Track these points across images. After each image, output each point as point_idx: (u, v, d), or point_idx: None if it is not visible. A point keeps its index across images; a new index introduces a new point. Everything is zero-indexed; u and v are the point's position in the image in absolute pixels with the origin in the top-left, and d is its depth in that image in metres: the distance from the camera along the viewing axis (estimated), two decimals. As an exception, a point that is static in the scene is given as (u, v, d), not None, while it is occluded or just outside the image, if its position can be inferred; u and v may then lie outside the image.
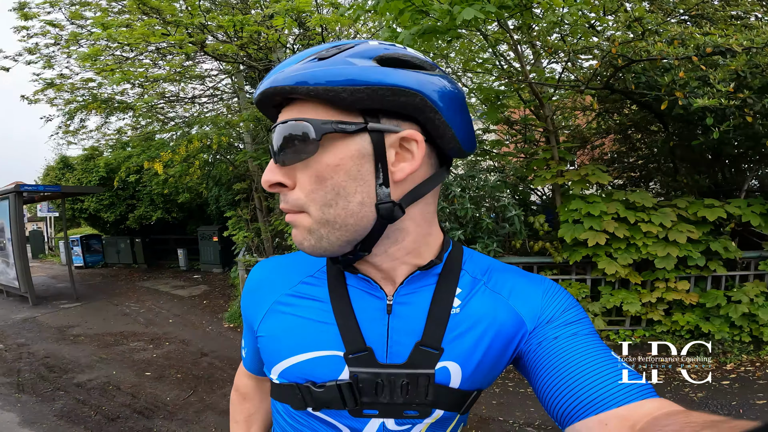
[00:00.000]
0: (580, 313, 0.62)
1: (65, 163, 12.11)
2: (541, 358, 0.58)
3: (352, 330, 0.61)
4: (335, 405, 0.61)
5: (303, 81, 0.52)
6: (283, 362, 0.64)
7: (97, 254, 13.63)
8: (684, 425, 0.39)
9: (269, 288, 0.70)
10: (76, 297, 8.79)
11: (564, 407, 0.53)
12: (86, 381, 4.29)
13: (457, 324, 0.62)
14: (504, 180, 5.70)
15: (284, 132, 0.54)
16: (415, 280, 0.63)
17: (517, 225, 5.16)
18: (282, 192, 0.57)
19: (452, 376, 0.61)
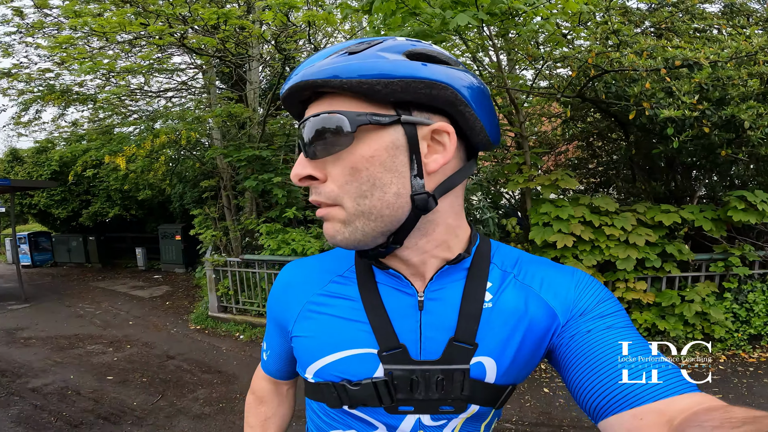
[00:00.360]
0: (614, 305, 0.62)
1: (15, 155, 11.30)
2: (573, 351, 0.58)
3: (384, 327, 0.62)
4: (371, 403, 0.61)
5: (336, 74, 0.53)
6: (318, 361, 0.65)
7: (46, 252, 12.77)
8: (724, 421, 0.38)
9: (300, 289, 0.70)
10: (24, 298, 8.20)
11: (597, 401, 0.52)
12: (42, 386, 4.02)
13: (490, 318, 0.62)
14: (480, 183, 5.85)
15: (317, 125, 0.54)
16: (445, 275, 0.64)
17: (491, 227, 5.32)
18: (313, 185, 0.57)
19: (487, 372, 0.61)
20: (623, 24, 3.58)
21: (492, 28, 3.75)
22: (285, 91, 0.57)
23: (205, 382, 4.17)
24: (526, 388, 3.92)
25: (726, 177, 5.65)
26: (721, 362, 4.25)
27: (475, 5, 2.66)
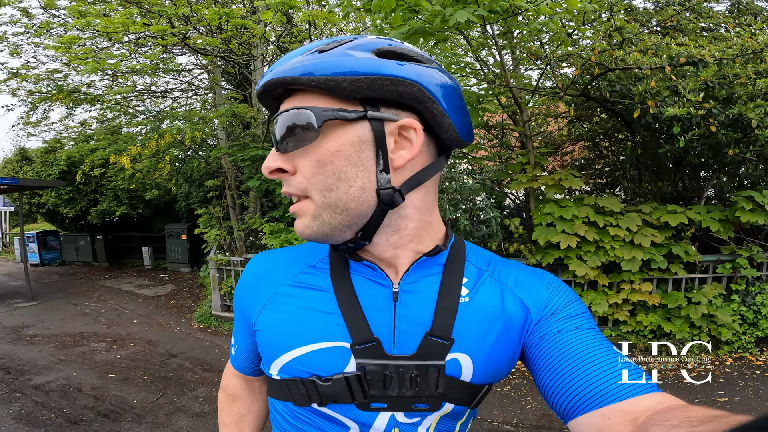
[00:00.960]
0: (581, 307, 0.63)
1: (24, 155, 11.46)
2: (544, 351, 0.58)
3: (357, 320, 0.60)
4: (343, 399, 0.59)
5: (306, 72, 0.54)
6: (284, 356, 0.62)
7: (54, 251, 12.92)
8: (684, 420, 0.39)
9: (268, 280, 0.68)
10: (31, 296, 8.30)
11: (567, 401, 0.53)
12: (45, 383, 4.05)
13: (467, 314, 0.61)
14: (482, 183, 5.82)
15: (287, 120, 0.56)
16: (421, 267, 0.63)
17: (494, 227, 5.28)
18: (283, 177, 0.59)
19: (463, 369, 0.60)
20: (627, 22, 3.53)
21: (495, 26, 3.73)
22: (259, 88, 0.59)
23: (206, 380, 4.18)
24: (528, 390, 3.88)
25: (735, 177, 5.56)
26: (728, 365, 4.18)
27: (476, 2, 2.64)
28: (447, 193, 5.61)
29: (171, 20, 3.81)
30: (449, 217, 5.24)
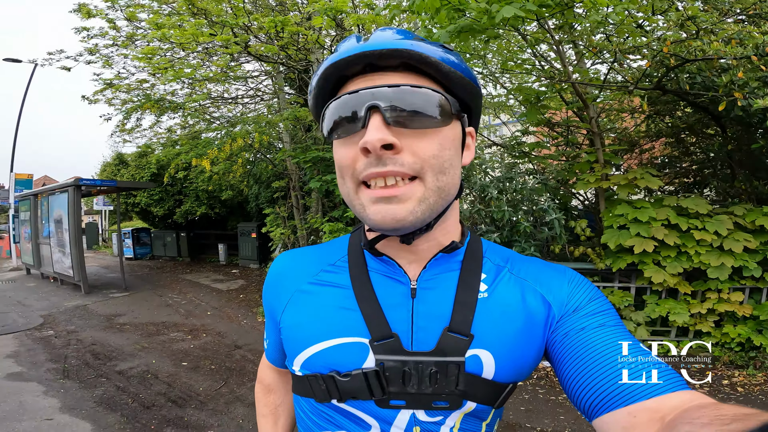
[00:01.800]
0: (605, 304, 0.62)
1: (120, 159, 12.88)
2: (567, 348, 0.57)
3: (376, 315, 0.60)
4: (361, 395, 0.59)
5: (446, 60, 0.56)
6: (305, 351, 0.63)
7: (145, 246, 14.40)
8: (714, 418, 0.38)
9: (291, 278, 0.70)
10: (125, 287, 9.30)
11: (591, 399, 0.52)
12: (127, 369, 4.50)
13: (486, 309, 0.61)
14: (544, 183, 5.51)
15: (419, 97, 0.55)
16: (439, 263, 0.63)
17: (557, 229, 4.97)
18: (387, 155, 0.54)
19: (484, 366, 0.59)
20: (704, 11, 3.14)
21: (552, 20, 3.50)
22: (383, 49, 0.54)
23: (266, 372, 4.39)
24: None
25: None
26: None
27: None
28: (506, 193, 5.38)
29: (233, 30, 4.07)
30: (508, 218, 5.02)
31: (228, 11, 4.15)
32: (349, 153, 0.56)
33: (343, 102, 0.56)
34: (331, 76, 0.58)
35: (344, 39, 0.63)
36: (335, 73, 0.57)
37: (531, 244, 5.04)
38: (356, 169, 0.56)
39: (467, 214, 5.29)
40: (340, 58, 0.56)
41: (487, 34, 2.79)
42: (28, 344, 5.31)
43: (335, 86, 0.59)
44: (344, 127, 0.57)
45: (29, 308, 7.48)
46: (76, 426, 3.15)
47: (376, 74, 0.56)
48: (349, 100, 0.55)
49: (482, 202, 5.50)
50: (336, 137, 0.58)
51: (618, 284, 4.79)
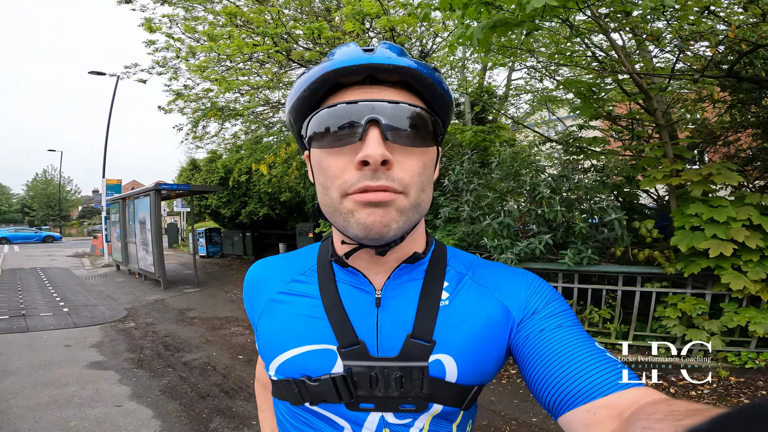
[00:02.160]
0: (562, 305, 0.64)
1: (194, 164, 13.96)
2: (529, 350, 0.59)
3: (343, 324, 0.63)
4: (331, 399, 0.62)
5: (438, 82, 0.60)
6: (279, 357, 0.66)
7: (216, 245, 15.51)
8: (668, 413, 0.40)
9: (264, 287, 0.73)
10: (197, 283, 10.08)
11: (554, 398, 0.54)
12: (192, 360, 4.87)
13: (448, 316, 0.63)
14: (603, 180, 5.10)
15: (414, 115, 0.58)
16: (402, 273, 0.66)
17: (618, 230, 4.59)
18: (381, 169, 0.55)
19: (447, 370, 0.61)
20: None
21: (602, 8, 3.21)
22: (389, 64, 0.56)
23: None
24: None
25: None
26: None
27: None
28: (559, 192, 5.06)
29: (274, 39, 4.25)
30: (561, 219, 4.72)
31: (269, 21, 4.34)
32: (339, 164, 0.56)
33: (340, 111, 0.56)
34: (328, 82, 0.57)
35: (341, 45, 0.63)
36: (334, 78, 0.57)
37: (588, 246, 4.70)
38: (345, 180, 0.56)
39: (517, 215, 5.05)
40: (344, 65, 0.56)
41: (525, 27, 2.62)
42: (111, 335, 5.94)
43: (326, 94, 0.59)
44: (334, 137, 0.56)
45: (116, 301, 8.36)
46: (140, 413, 3.47)
47: (374, 87, 0.57)
48: (347, 110, 0.56)
49: (533, 202, 5.23)
50: (322, 145, 0.58)
51: (691, 290, 4.31)
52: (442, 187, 5.98)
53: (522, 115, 9.55)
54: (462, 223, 5.62)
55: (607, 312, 4.71)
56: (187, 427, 3.27)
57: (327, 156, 0.58)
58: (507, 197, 5.56)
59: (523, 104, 9.14)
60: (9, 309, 7.43)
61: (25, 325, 6.39)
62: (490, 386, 3.99)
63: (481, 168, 6.34)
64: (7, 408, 3.48)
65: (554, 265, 4.85)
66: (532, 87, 6.96)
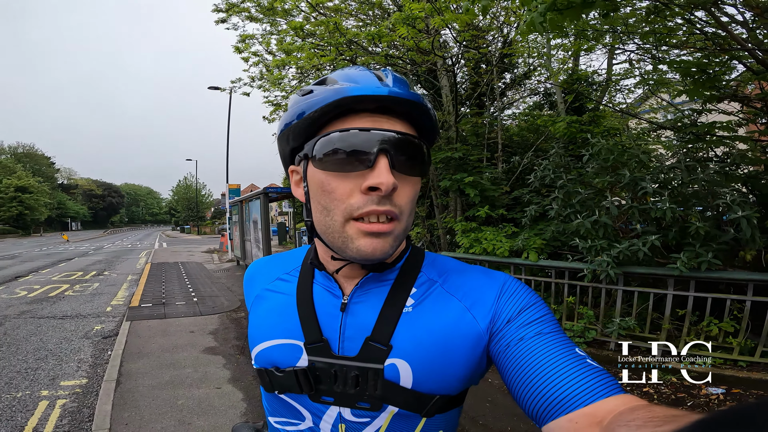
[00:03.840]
0: (540, 311, 0.63)
1: (296, 169, 15.16)
2: (510, 359, 0.59)
3: (311, 322, 0.68)
4: (294, 389, 0.67)
5: (434, 115, 0.65)
6: (257, 347, 0.73)
7: (318, 243, 16.65)
8: (647, 419, 0.40)
9: (255, 283, 0.81)
10: (298, 277, 10.92)
11: (536, 408, 0.54)
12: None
13: (409, 323, 0.65)
14: (727, 171, 4.31)
15: (417, 149, 0.62)
16: (371, 281, 0.69)
17: (747, 230, 3.85)
18: (387, 194, 0.59)
19: (402, 374, 0.63)
20: None
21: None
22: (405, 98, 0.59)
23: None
24: None
25: None
26: None
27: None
28: (670, 186, 4.39)
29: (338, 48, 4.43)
30: (669, 217, 4.09)
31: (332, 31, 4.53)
32: (346, 188, 0.59)
33: (353, 137, 0.58)
34: (343, 107, 0.59)
35: (354, 66, 0.69)
36: (350, 104, 0.59)
37: (710, 249, 4.01)
38: (350, 204, 0.59)
39: (615, 213, 4.52)
40: (364, 93, 0.58)
41: (597, 6, 2.33)
42: (226, 323, 6.75)
43: (335, 117, 0.61)
44: (343, 161, 0.59)
45: (234, 293, 9.46)
46: (233, 395, 3.92)
47: (383, 117, 0.60)
48: (359, 137, 0.58)
49: (635, 198, 4.62)
50: (327, 168, 0.60)
51: None
52: (528, 183, 5.64)
53: (633, 101, 8.49)
54: (553, 222, 5.23)
55: (729, 325, 3.99)
56: (267, 410, 3.61)
57: (333, 179, 0.60)
58: (605, 193, 5.02)
59: (631, 90, 8.14)
60: (153, 298, 8.91)
61: (164, 312, 7.59)
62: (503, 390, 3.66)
63: (573, 161, 5.82)
64: (134, 386, 4.16)
65: (663, 270, 4.25)
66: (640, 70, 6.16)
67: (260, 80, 8.61)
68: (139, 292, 9.54)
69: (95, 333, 6.32)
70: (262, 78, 8.39)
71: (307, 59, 4.75)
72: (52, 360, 5.07)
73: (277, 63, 5.35)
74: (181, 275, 12.61)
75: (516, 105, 9.66)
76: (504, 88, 8.37)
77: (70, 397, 4.01)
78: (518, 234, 5.55)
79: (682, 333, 4.22)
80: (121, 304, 8.53)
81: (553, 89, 6.66)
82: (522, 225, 5.65)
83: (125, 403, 3.76)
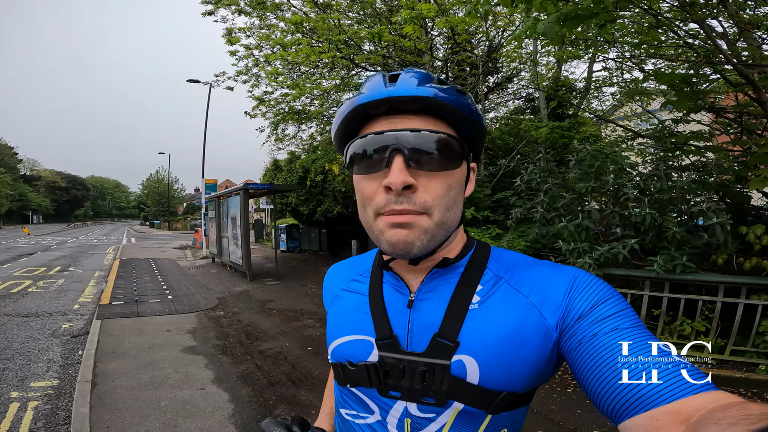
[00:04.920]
0: (616, 305, 0.61)
1: (276, 165, 14.89)
2: (583, 356, 0.58)
3: (381, 320, 0.72)
4: (364, 383, 0.70)
5: (461, 105, 0.64)
6: (333, 343, 0.77)
7: (295, 241, 16.44)
8: (741, 417, 0.38)
9: (333, 284, 0.87)
10: (277, 276, 10.77)
11: (612, 405, 0.53)
12: (267, 349, 5.23)
13: (475, 319, 0.66)
14: (704, 179, 4.52)
15: (436, 141, 0.63)
16: (436, 277, 0.71)
17: (720, 235, 4.05)
18: (405, 194, 0.61)
19: (469, 371, 0.63)
20: None
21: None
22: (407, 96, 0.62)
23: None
24: None
25: None
26: None
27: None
28: (649, 193, 4.57)
29: (338, 46, 4.40)
30: (648, 222, 4.27)
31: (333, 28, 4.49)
32: (372, 187, 0.64)
33: (370, 141, 0.63)
34: (359, 115, 0.65)
35: (371, 76, 0.70)
36: (362, 112, 0.65)
37: (683, 253, 4.20)
38: (377, 202, 0.63)
39: (597, 217, 4.67)
40: (368, 101, 0.63)
41: (600, 18, 2.40)
42: (204, 322, 6.58)
43: (360, 123, 0.67)
44: (367, 163, 0.64)
45: (210, 291, 9.23)
46: (219, 396, 3.83)
47: (399, 117, 0.63)
48: (375, 141, 0.63)
49: (616, 204, 4.79)
50: (359, 171, 0.66)
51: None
52: (513, 186, 5.74)
53: (608, 108, 8.79)
54: (536, 225, 5.35)
55: (701, 324, 4.19)
56: (255, 411, 3.54)
57: (362, 180, 0.66)
58: (587, 198, 5.17)
59: (608, 98, 8.42)
60: (125, 295, 8.58)
61: (137, 310, 7.33)
62: (552, 394, 3.78)
63: (557, 166, 5.97)
64: (112, 388, 4.01)
65: (640, 272, 4.42)
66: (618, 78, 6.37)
67: (245, 74, 8.44)
68: (108, 289, 9.17)
69: (63, 332, 6.04)
70: (248, 72, 8.22)
71: (305, 55, 4.68)
72: (20, 360, 4.82)
73: (276, 57, 5.27)
74: (153, 272, 12.20)
75: (497, 109, 9.83)
76: (487, 92, 8.50)
77: (42, 399, 3.82)
78: (502, 236, 5.65)
79: (657, 332, 4.39)
80: (89, 301, 8.18)
81: (536, 94, 6.80)
82: (507, 227, 5.75)
83: (104, 405, 3.61)
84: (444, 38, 5.66)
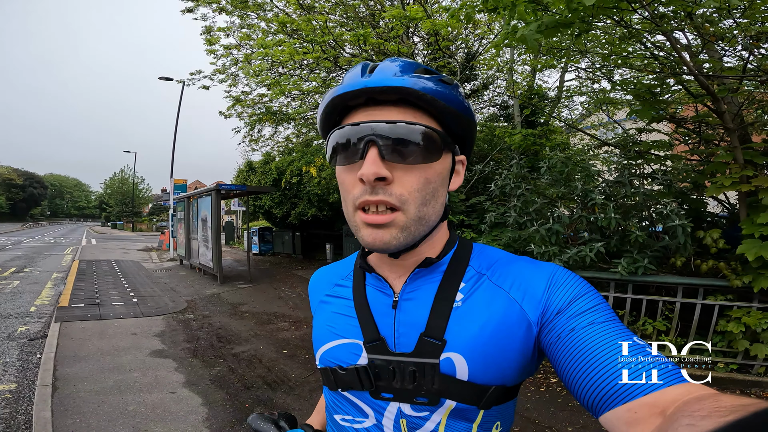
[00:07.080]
0: (592, 300, 0.62)
1: (250, 166, 14.64)
2: (562, 350, 0.59)
3: (368, 322, 0.71)
4: (356, 386, 0.69)
5: (441, 95, 0.62)
6: (320, 348, 0.76)
7: (268, 244, 16.17)
8: (713, 410, 0.38)
9: (317, 290, 0.86)
10: (249, 279, 10.56)
11: (592, 399, 0.54)
12: (240, 352, 5.13)
13: (459, 317, 0.66)
14: (668, 185, 4.78)
15: (412, 134, 0.60)
16: (419, 277, 0.71)
17: (681, 238, 4.28)
18: (380, 185, 0.60)
19: (458, 368, 0.64)
20: None
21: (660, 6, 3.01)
22: (383, 86, 0.60)
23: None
24: None
25: None
26: None
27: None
28: (614, 199, 4.80)
29: (322, 47, 4.41)
30: (614, 226, 4.48)
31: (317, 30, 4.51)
32: (350, 179, 0.63)
33: (346, 132, 0.62)
34: (338, 106, 0.64)
35: (352, 68, 0.69)
36: (341, 103, 0.64)
37: (645, 256, 4.42)
38: (354, 194, 0.63)
39: (566, 221, 4.86)
40: (345, 92, 0.62)
41: (576, 27, 2.52)
42: (173, 325, 6.38)
43: (341, 114, 0.66)
44: (345, 155, 0.63)
45: (178, 294, 8.96)
46: (191, 400, 3.72)
47: (376, 108, 0.62)
48: (351, 132, 0.62)
49: (584, 209, 5.00)
50: (339, 162, 0.65)
51: (758, 304, 3.97)
52: (488, 191, 5.89)
53: (577, 117, 9.16)
54: (509, 229, 5.50)
55: (662, 324, 4.42)
56: (230, 415, 3.47)
57: (342, 172, 0.65)
58: (557, 203, 5.37)
59: (577, 107, 8.77)
60: (85, 298, 8.21)
61: (99, 313, 7.02)
62: (527, 393, 3.88)
63: (529, 173, 6.16)
64: (75, 392, 3.84)
65: (606, 274, 4.62)
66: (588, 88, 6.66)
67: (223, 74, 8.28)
68: (67, 292, 8.75)
69: (19, 335, 5.73)
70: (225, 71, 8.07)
71: (288, 55, 4.65)
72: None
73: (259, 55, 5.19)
74: (116, 274, 11.73)
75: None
76: (463, 98, 8.65)
77: (0, 403, 3.61)
78: (477, 239, 5.77)
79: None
80: (46, 303, 7.79)
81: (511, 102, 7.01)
82: (481, 231, 5.87)
83: (66, 409, 3.44)
84: (424, 44, 5.75)
